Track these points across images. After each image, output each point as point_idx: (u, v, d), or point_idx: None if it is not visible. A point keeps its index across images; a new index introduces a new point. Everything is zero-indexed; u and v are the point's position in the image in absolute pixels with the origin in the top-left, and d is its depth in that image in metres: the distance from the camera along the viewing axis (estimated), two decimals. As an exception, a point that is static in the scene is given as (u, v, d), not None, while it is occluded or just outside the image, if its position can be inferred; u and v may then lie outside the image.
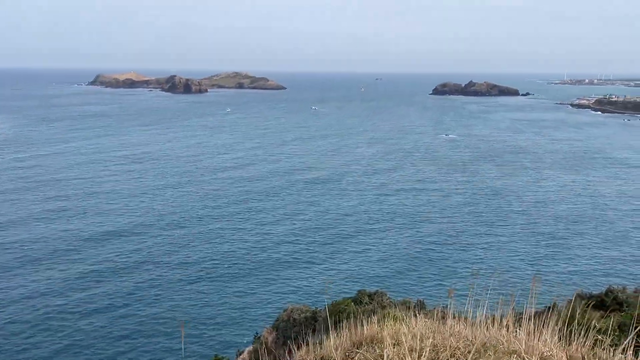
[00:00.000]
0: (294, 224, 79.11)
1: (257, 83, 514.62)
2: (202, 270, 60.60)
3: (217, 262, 63.42)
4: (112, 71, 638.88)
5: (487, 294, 7.42)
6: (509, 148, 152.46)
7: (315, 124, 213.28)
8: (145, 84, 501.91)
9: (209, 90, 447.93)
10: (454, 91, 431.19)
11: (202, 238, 71.80)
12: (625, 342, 5.18)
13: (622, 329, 10.96)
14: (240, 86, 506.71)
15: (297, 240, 71.92)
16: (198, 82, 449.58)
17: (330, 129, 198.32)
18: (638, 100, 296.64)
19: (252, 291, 55.69)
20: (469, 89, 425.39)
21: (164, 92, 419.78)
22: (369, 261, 64.42)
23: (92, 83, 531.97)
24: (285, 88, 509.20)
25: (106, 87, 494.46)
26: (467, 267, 61.51)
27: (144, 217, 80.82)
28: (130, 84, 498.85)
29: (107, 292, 54.41)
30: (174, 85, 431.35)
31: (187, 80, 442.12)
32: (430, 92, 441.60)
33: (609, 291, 21.09)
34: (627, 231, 76.51)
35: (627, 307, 18.62)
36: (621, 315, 13.87)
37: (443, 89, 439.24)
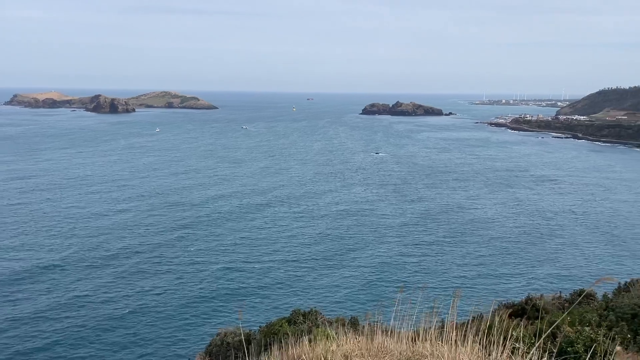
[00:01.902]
0: (225, 249, 77.62)
1: (187, 102, 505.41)
2: (128, 301, 57.88)
3: (144, 295, 60.86)
4: (32, 91, 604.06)
5: (413, 308, 7.64)
6: (436, 166, 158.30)
7: (245, 144, 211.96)
8: (68, 103, 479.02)
9: (136, 109, 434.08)
10: (382, 111, 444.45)
11: (129, 271, 68.70)
12: (533, 350, 5.50)
13: (539, 335, 11.61)
14: (170, 106, 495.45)
15: (232, 267, 70.54)
16: (125, 101, 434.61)
17: (260, 148, 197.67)
18: (549, 119, 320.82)
19: (183, 318, 53.83)
20: (397, 109, 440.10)
21: (88, 112, 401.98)
22: (300, 280, 64.30)
23: (9, 103, 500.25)
24: (217, 107, 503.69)
25: (24, 107, 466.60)
26: (398, 282, 62.84)
27: (55, 251, 76.22)
28: (52, 103, 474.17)
29: None
30: (99, 105, 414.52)
31: (113, 99, 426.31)
32: (360, 112, 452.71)
33: (528, 299, 22.35)
34: (546, 242, 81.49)
35: (545, 313, 19.77)
36: (539, 322, 14.62)
37: (372, 109, 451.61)
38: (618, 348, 6.41)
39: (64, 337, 48.81)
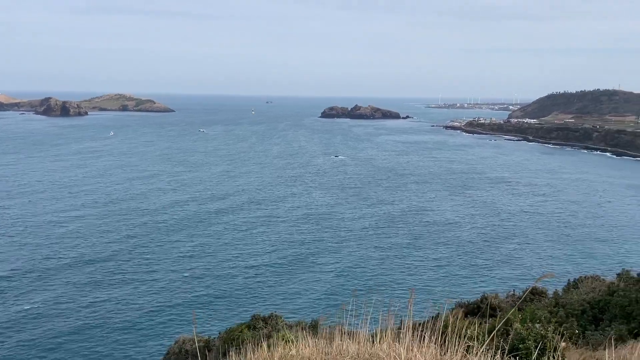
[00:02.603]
0: (183, 257, 76.28)
1: (142, 105, 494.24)
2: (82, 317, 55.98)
3: (98, 306, 59.00)
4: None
5: (372, 310, 7.70)
6: (395, 169, 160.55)
7: (203, 148, 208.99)
8: (16, 106, 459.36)
9: (89, 113, 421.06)
10: (341, 114, 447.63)
11: (83, 282, 66.44)
12: (482, 348, 5.66)
13: (492, 333, 11.95)
14: (125, 109, 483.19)
15: (191, 274, 69.32)
16: (77, 104, 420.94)
17: (218, 152, 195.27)
18: (502, 122, 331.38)
19: (140, 329, 52.50)
20: (355, 112, 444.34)
21: (38, 116, 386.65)
22: (261, 286, 63.89)
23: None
24: (174, 110, 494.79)
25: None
26: (358, 285, 63.38)
27: (2, 262, 73.01)
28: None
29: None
30: (50, 108, 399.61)
31: (65, 102, 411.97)
32: (319, 115, 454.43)
33: (483, 298, 22.97)
34: (502, 242, 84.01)
35: (499, 311, 20.37)
36: (492, 320, 15.04)
37: (331, 112, 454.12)
38: (563, 344, 6.67)
39: (11, 355, 46.70)
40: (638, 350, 5.92)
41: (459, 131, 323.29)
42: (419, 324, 7.65)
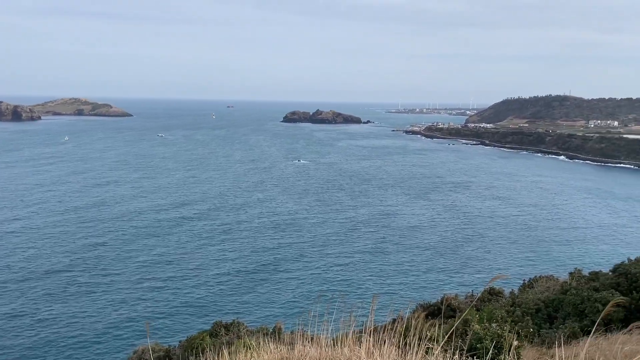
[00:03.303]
0: (142, 267, 74.51)
1: (99, 110, 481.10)
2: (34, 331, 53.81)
3: (53, 320, 56.86)
4: None
5: (334, 314, 7.70)
6: (358, 174, 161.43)
7: (161, 153, 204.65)
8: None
9: (43, 117, 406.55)
10: (303, 119, 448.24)
11: (36, 296, 63.90)
12: (438, 348, 5.75)
13: (454, 333, 12.15)
14: (80, 113, 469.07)
15: (151, 285, 67.74)
16: (29, 108, 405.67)
17: (178, 158, 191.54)
18: (459, 127, 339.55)
19: (97, 342, 50.87)
20: (317, 117, 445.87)
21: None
22: (224, 293, 63.10)
23: None
24: (131, 115, 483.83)
25: None
26: (321, 291, 63.43)
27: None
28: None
29: None
30: (0, 112, 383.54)
31: (16, 106, 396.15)
32: (281, 120, 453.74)
33: (444, 299, 23.38)
34: (463, 245, 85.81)
35: (459, 312, 20.77)
36: (453, 321, 15.30)
37: (293, 117, 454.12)
38: (515, 342, 6.84)
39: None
40: (586, 347, 6.14)
41: (418, 135, 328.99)
42: (381, 327, 7.69)
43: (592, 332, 8.06)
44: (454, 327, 6.79)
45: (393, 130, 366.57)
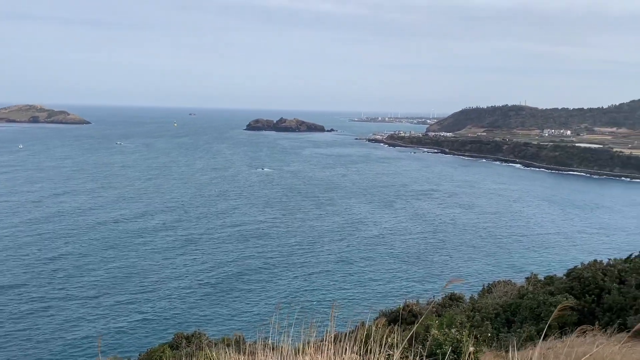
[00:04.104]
0: (100, 281, 72.36)
1: (55, 117, 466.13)
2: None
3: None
4: None
5: (295, 323, 7.67)
6: (323, 183, 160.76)
7: (120, 162, 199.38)
8: None
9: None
10: (266, 127, 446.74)
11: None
12: (397, 354, 5.82)
13: (415, 340, 12.30)
14: (35, 120, 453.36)
15: (111, 299, 65.80)
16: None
17: (137, 167, 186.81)
18: (420, 135, 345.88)
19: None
20: (281, 125, 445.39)
21: None
22: (186, 306, 61.95)
23: None
24: (89, 122, 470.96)
25: None
26: (283, 300, 63.13)
27: None
28: None
29: None
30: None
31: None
32: (244, 128, 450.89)
33: (405, 306, 23.63)
34: (425, 251, 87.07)
35: (420, 318, 21.02)
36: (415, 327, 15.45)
37: (256, 125, 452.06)
38: (471, 348, 6.99)
39: None
40: (538, 349, 6.34)
41: (381, 144, 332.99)
42: (343, 335, 7.71)
43: (545, 335, 8.30)
44: (412, 332, 6.87)
45: (356, 139, 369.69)
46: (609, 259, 16.77)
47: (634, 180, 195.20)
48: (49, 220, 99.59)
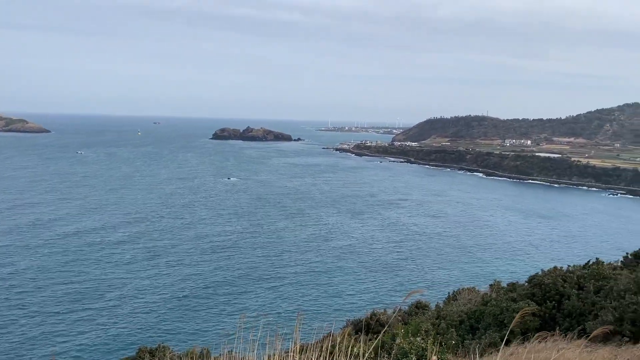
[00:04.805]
0: (58, 294, 70.01)
1: (13, 125, 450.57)
2: None
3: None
4: None
5: (260, 335, 7.55)
6: (291, 193, 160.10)
7: (81, 172, 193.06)
8: None
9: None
10: (233, 136, 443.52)
11: None
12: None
13: (381, 349, 12.30)
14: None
15: (68, 311, 63.65)
16: None
17: (99, 177, 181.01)
18: (386, 145, 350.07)
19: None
20: (247, 134, 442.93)
21: None
22: (149, 319, 60.49)
23: None
24: (49, 131, 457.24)
25: None
26: (247, 311, 62.45)
27: None
28: None
29: None
30: None
31: None
32: (211, 137, 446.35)
33: (372, 315, 23.69)
34: (391, 262, 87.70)
35: (387, 327, 21.11)
36: (383, 336, 15.46)
37: (223, 134, 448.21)
38: (434, 357, 7.02)
39: None
40: (501, 354, 6.43)
41: (348, 153, 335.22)
42: (309, 345, 7.63)
43: (507, 341, 8.44)
44: (378, 341, 6.87)
45: (324, 148, 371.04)
46: (569, 266, 17.24)
47: (591, 189, 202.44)
48: (5, 233, 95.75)
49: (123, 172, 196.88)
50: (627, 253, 17.15)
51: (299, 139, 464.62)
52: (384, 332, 9.85)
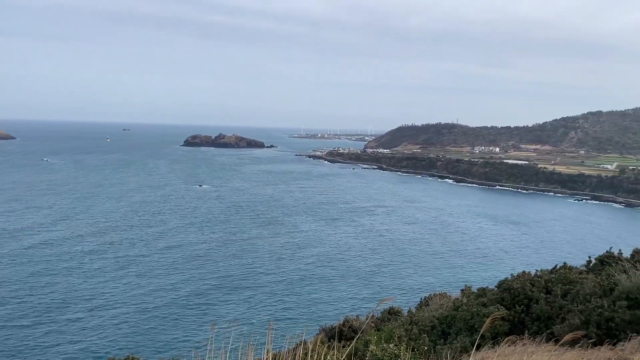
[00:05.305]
0: (23, 307, 67.89)
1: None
2: None
3: None
4: None
5: (230, 344, 7.47)
6: (264, 201, 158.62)
7: (47, 179, 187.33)
8: None
9: None
10: (205, 143, 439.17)
11: None
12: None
13: (354, 356, 12.30)
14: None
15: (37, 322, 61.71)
16: None
17: (66, 185, 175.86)
18: (359, 152, 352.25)
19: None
20: (219, 141, 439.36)
21: None
22: (119, 329, 59.16)
23: None
24: (14, 138, 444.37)
25: None
26: (218, 321, 61.70)
27: None
28: None
29: None
30: None
31: None
32: (182, 144, 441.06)
33: (345, 322, 23.67)
34: (364, 269, 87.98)
35: (360, 333, 21.11)
36: (356, 343, 15.45)
37: (194, 141, 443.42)
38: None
39: None
40: (471, 359, 6.51)
41: (321, 160, 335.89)
42: (282, 354, 7.57)
43: (478, 345, 8.54)
44: (351, 348, 6.86)
45: (297, 155, 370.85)
46: (537, 270, 17.59)
47: (557, 195, 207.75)
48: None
49: (91, 180, 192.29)
50: (590, 257, 17.63)
51: (271, 146, 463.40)
52: (357, 339, 9.86)
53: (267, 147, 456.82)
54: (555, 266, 17.91)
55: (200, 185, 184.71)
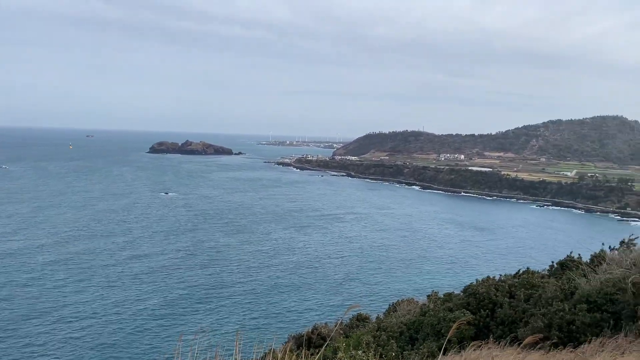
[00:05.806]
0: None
1: None
2: None
3: None
4: None
5: (197, 354, 7.37)
6: (233, 208, 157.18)
7: (5, 188, 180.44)
8: None
9: None
10: (171, 150, 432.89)
11: None
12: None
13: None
14: None
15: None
16: None
17: (25, 193, 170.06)
18: (327, 159, 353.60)
19: None
20: (186, 148, 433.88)
21: None
22: (82, 339, 57.42)
23: None
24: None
25: None
26: (181, 330, 60.75)
27: None
28: None
29: None
30: None
31: None
32: (147, 151, 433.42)
33: (314, 329, 23.62)
34: (333, 274, 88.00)
35: (329, 341, 21.10)
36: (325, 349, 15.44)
37: (160, 148, 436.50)
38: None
39: None
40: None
41: (290, 167, 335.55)
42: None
43: (445, 350, 8.68)
44: (320, 355, 6.87)
45: (265, 162, 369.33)
46: (500, 275, 17.97)
47: (519, 201, 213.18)
48: None
49: (53, 188, 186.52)
50: (552, 262, 18.12)
51: (240, 153, 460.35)
52: (326, 346, 9.86)
53: (235, 154, 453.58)
54: (519, 271, 18.35)
55: (166, 193, 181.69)
